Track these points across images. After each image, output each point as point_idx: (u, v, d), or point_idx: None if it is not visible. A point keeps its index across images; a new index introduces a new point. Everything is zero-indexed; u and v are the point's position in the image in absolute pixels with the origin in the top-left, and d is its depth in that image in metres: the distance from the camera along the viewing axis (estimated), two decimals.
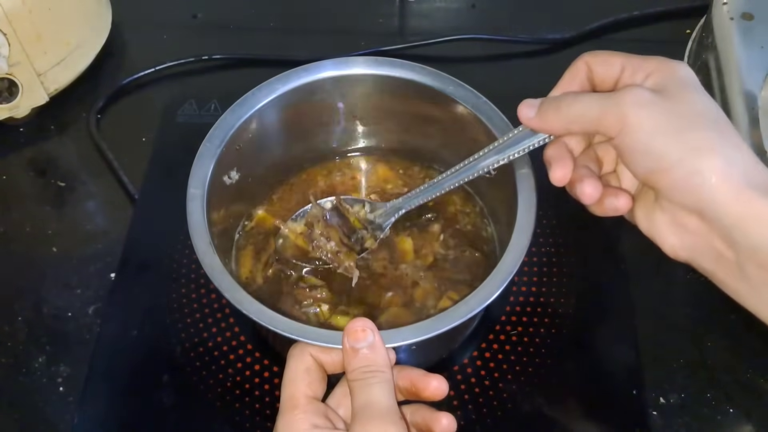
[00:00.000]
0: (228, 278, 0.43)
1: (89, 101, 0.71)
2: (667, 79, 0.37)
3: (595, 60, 0.41)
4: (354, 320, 0.40)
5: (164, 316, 0.55)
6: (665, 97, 0.36)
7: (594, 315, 0.56)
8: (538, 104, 0.40)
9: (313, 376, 0.40)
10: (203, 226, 0.46)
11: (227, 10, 0.82)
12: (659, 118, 0.36)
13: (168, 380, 0.52)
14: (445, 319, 0.42)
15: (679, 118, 0.36)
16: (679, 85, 0.37)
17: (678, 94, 0.36)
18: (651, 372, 0.53)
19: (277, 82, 0.53)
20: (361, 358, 0.39)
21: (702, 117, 0.36)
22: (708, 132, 0.35)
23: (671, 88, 0.37)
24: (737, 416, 0.51)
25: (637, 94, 0.37)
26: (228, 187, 0.52)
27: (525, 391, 0.51)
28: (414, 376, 0.40)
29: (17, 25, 0.62)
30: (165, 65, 0.74)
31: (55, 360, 0.54)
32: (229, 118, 0.51)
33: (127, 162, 0.66)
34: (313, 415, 0.38)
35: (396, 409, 0.37)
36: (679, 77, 0.37)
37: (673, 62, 0.38)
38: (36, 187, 0.66)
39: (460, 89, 0.52)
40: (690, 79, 0.38)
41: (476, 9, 0.82)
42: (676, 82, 0.37)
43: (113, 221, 0.63)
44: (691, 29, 0.71)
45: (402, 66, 0.53)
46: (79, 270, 0.59)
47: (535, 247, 0.58)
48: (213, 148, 0.50)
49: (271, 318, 0.42)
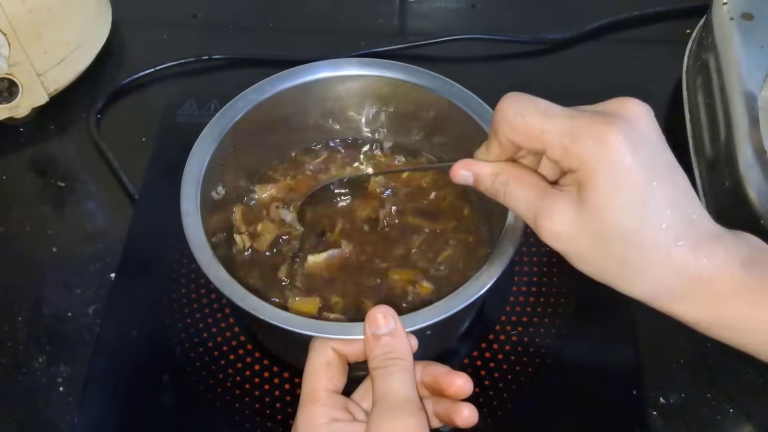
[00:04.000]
0: (238, 287, 0.43)
1: (89, 101, 0.71)
2: (590, 178, 0.34)
3: (515, 132, 0.37)
4: (375, 307, 0.40)
5: (164, 316, 0.55)
6: (584, 212, 0.35)
7: (594, 315, 0.56)
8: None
9: (334, 369, 0.40)
10: (202, 239, 0.45)
11: (227, 10, 0.82)
12: (582, 246, 0.35)
13: (168, 380, 0.52)
14: (460, 298, 0.42)
15: (600, 241, 0.35)
16: (602, 190, 0.34)
17: (598, 204, 0.34)
18: (651, 372, 0.53)
19: (252, 93, 0.53)
20: (383, 344, 0.39)
21: (619, 234, 0.34)
22: (628, 250, 0.35)
23: (592, 198, 0.34)
24: (737, 416, 0.51)
25: (554, 223, 0.36)
26: (216, 202, 0.52)
27: (525, 391, 0.51)
28: (438, 372, 0.40)
29: (17, 25, 0.62)
30: (165, 65, 0.74)
31: (55, 360, 0.54)
32: (209, 133, 0.51)
33: (127, 162, 0.66)
34: (333, 409, 0.38)
35: (416, 399, 0.38)
36: (609, 170, 0.34)
37: (606, 143, 0.34)
38: (36, 187, 0.66)
39: (446, 85, 0.53)
40: (622, 162, 0.33)
41: (476, 9, 0.82)
42: (601, 180, 0.34)
43: (113, 221, 0.63)
44: (691, 29, 0.71)
45: (382, 66, 0.54)
46: (79, 270, 0.59)
47: (535, 247, 0.58)
48: (199, 165, 0.49)
49: (288, 319, 0.42)
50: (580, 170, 0.34)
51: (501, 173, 0.38)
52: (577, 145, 0.34)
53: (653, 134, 0.35)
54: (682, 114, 0.66)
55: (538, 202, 0.37)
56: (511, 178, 0.38)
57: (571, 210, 0.35)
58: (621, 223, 0.34)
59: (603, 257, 0.35)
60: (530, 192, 0.37)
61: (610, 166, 0.33)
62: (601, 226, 0.34)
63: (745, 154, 0.53)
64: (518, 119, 0.36)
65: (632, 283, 0.36)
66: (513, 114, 0.36)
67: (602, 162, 0.33)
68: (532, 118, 0.35)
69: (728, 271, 0.35)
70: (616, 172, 0.33)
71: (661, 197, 0.34)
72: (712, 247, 0.35)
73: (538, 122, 0.35)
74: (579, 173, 0.34)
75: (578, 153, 0.34)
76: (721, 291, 0.35)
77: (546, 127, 0.35)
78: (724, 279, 0.35)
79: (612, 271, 0.36)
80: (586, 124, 0.34)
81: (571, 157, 0.34)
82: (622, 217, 0.34)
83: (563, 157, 0.35)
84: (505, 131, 0.37)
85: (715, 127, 0.58)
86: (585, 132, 0.34)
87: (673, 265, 0.34)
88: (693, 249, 0.34)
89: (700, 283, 0.35)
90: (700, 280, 0.35)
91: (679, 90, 0.68)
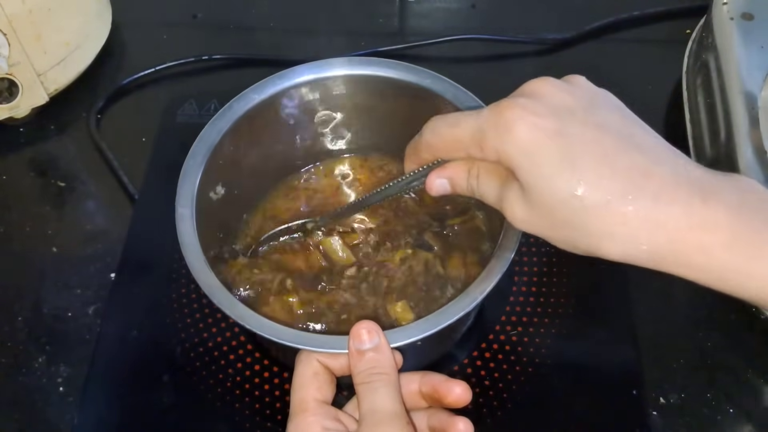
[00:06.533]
0: (227, 294, 0.43)
1: (89, 101, 0.71)
2: (511, 162, 0.35)
3: (436, 149, 0.39)
4: (359, 323, 0.40)
5: (164, 316, 0.55)
6: (527, 194, 0.35)
7: (594, 315, 0.56)
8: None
9: (321, 380, 0.40)
10: (196, 245, 0.45)
11: (227, 10, 0.82)
12: (542, 224, 0.36)
13: (168, 380, 0.52)
14: (448, 313, 0.42)
15: (551, 215, 0.35)
16: (525, 168, 0.34)
17: (530, 182, 0.34)
18: (651, 372, 0.52)
19: (252, 93, 0.53)
20: (367, 360, 0.39)
21: (561, 203, 0.34)
22: (578, 216, 0.34)
23: (523, 178, 0.35)
24: (737, 416, 0.51)
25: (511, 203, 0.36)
26: (215, 202, 0.52)
27: (525, 391, 0.51)
28: (437, 381, 0.40)
29: (17, 25, 0.62)
30: (165, 65, 0.74)
31: (55, 360, 0.54)
32: (209, 132, 0.51)
33: (127, 162, 0.66)
34: (323, 418, 0.38)
35: (403, 414, 0.38)
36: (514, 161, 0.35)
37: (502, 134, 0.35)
38: (36, 187, 0.66)
39: (436, 81, 0.52)
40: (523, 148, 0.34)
41: (476, 9, 0.82)
42: (519, 160, 0.34)
43: (113, 221, 0.63)
44: (691, 29, 0.71)
45: (379, 64, 0.54)
46: (79, 270, 0.59)
47: (535, 247, 0.58)
48: (196, 165, 0.49)
49: (275, 330, 0.42)
50: (501, 159, 0.35)
51: (472, 167, 0.38)
52: (487, 138, 0.35)
53: (564, 101, 0.35)
54: (682, 114, 0.66)
55: (501, 191, 0.37)
56: (482, 170, 0.38)
57: (519, 194, 0.36)
58: (555, 192, 0.34)
59: (564, 230, 0.35)
60: (496, 181, 0.37)
61: (519, 143, 0.34)
62: (543, 202, 0.34)
63: (745, 154, 0.53)
64: (434, 138, 0.38)
65: (605, 247, 0.34)
66: (429, 135, 0.39)
67: (511, 143, 0.34)
68: (444, 131, 0.38)
69: (712, 221, 0.33)
70: (527, 146, 0.34)
71: (589, 156, 0.33)
72: (684, 195, 0.33)
73: (450, 133, 0.37)
74: (503, 163, 0.35)
75: (491, 146, 0.35)
76: (709, 243, 0.33)
77: (457, 135, 0.37)
78: (707, 229, 0.33)
79: (582, 241, 0.35)
80: (488, 116, 0.35)
81: (488, 151, 0.35)
82: (553, 186, 0.34)
83: (483, 154, 0.36)
84: (433, 153, 0.39)
85: (715, 127, 0.58)
86: (489, 123, 0.35)
87: (633, 220, 0.33)
88: (654, 200, 0.33)
89: (678, 236, 0.33)
90: (674, 233, 0.33)
91: (679, 90, 0.68)
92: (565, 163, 0.33)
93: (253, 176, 0.56)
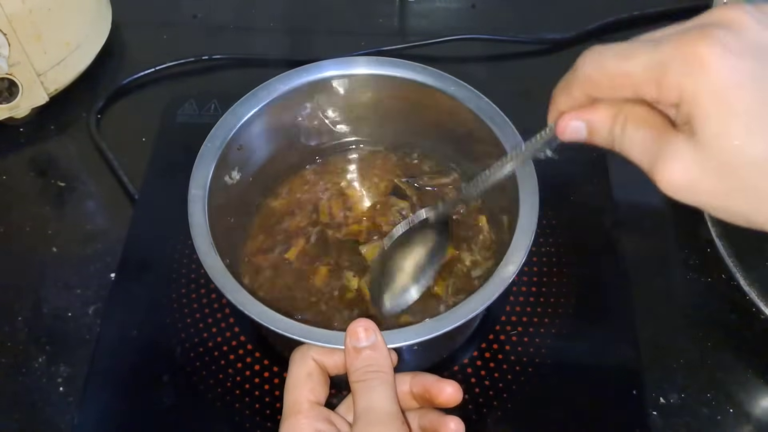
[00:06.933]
0: (231, 279, 0.43)
1: (89, 101, 0.71)
2: (695, 108, 0.29)
3: (599, 87, 0.32)
4: (356, 321, 0.40)
5: (164, 316, 0.55)
6: (703, 151, 0.29)
7: (594, 315, 0.56)
8: None
9: (315, 381, 0.40)
10: (204, 227, 0.46)
11: (227, 10, 0.82)
12: (708, 191, 0.29)
13: (168, 380, 0.52)
14: (447, 320, 0.42)
15: (728, 178, 0.29)
16: (713, 117, 0.28)
17: (714, 134, 0.28)
18: (651, 372, 0.53)
19: (278, 83, 0.53)
20: (364, 358, 0.39)
21: (749, 164, 0.28)
22: (764, 180, 0.28)
23: (705, 129, 0.29)
24: (737, 416, 0.51)
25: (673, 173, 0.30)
26: (230, 186, 0.52)
27: (525, 391, 0.51)
28: (428, 382, 0.40)
29: (17, 25, 0.62)
30: (165, 65, 0.74)
31: (55, 360, 0.54)
32: (229, 118, 0.52)
33: (127, 162, 0.66)
34: (316, 420, 0.38)
35: (398, 413, 0.37)
36: (706, 99, 0.28)
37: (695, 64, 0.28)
38: (36, 187, 0.66)
39: (461, 89, 0.53)
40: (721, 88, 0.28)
41: (476, 9, 0.82)
42: (708, 106, 0.28)
43: (113, 221, 0.63)
44: None
45: (401, 65, 0.54)
46: (79, 270, 0.59)
47: (535, 247, 0.58)
48: (214, 149, 0.50)
49: (273, 319, 0.42)
50: (683, 102, 0.29)
51: (619, 113, 0.32)
52: (669, 74, 0.29)
53: (762, 37, 0.29)
54: None
55: (655, 145, 0.31)
56: (630, 117, 0.32)
57: (689, 152, 0.29)
58: (746, 150, 0.28)
59: (737, 197, 0.29)
60: (648, 133, 0.31)
61: (713, 86, 0.28)
62: (726, 161, 0.28)
63: None
64: (596, 71, 0.32)
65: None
66: (590, 67, 0.32)
67: (702, 85, 0.28)
68: (610, 64, 0.31)
69: None
70: (722, 91, 0.28)
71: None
72: None
73: (617, 66, 0.31)
74: (683, 106, 0.29)
75: (673, 84, 0.29)
76: None
77: (628, 68, 0.30)
78: None
79: (754, 210, 0.30)
80: (673, 47, 0.29)
81: (668, 90, 0.29)
82: (747, 142, 0.28)
83: (659, 94, 0.29)
84: (589, 91, 0.32)
85: None
86: (674, 57, 0.29)
87: None
88: None
89: None
90: None
91: None
92: (763, 118, 0.28)
93: (271, 164, 0.56)
